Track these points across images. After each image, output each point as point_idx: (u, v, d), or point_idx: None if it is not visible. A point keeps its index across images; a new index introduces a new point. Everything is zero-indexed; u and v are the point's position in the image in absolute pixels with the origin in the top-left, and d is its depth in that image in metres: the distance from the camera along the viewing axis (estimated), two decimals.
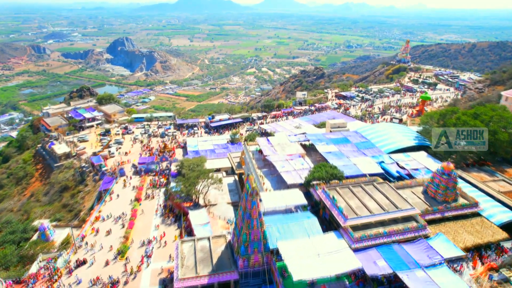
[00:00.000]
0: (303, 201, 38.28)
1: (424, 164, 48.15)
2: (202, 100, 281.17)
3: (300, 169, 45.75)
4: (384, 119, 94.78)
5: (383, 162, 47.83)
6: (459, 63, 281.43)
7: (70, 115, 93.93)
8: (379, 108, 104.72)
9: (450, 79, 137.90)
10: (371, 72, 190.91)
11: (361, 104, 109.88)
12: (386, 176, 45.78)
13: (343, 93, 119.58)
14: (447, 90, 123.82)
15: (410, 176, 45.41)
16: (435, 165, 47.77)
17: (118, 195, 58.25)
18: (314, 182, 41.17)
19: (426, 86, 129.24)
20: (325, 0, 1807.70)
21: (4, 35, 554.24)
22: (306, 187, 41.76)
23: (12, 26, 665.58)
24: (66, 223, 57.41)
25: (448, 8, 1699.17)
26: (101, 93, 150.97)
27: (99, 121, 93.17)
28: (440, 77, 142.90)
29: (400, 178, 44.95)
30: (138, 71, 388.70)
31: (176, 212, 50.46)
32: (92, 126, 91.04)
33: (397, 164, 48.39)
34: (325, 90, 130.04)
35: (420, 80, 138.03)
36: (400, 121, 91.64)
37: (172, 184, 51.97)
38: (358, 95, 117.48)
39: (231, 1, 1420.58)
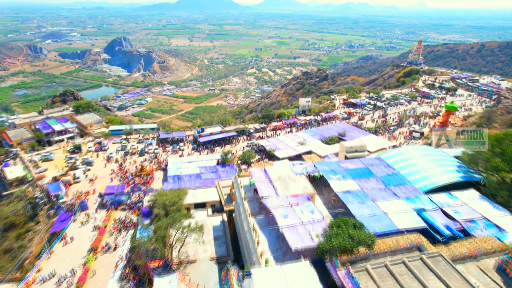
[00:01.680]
0: (318, 287, 25.00)
1: (479, 212, 34.72)
2: (201, 102, 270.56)
3: (310, 221, 32.52)
4: (400, 132, 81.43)
5: (424, 210, 34.48)
6: (467, 64, 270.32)
7: (37, 126, 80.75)
8: (393, 119, 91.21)
9: (470, 83, 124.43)
10: (380, 74, 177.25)
11: (373, 114, 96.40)
12: (429, 231, 32.54)
13: (353, 100, 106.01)
14: (469, 96, 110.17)
15: (465, 233, 32.10)
16: (496, 214, 34.50)
17: (72, 238, 45.33)
18: (331, 247, 27.94)
19: (444, 92, 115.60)
20: (325, 0, 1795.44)
21: (2, 35, 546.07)
22: (320, 257, 28.51)
23: (11, 25, 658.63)
24: (5, 276, 44.53)
25: (449, 7, 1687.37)
26: (100, 95, 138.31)
27: (71, 134, 79.95)
28: (458, 80, 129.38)
29: (452, 237, 31.59)
30: (136, 71, 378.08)
31: (141, 274, 37.37)
32: (62, 140, 77.69)
33: (442, 210, 35.14)
34: (332, 96, 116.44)
35: (437, 84, 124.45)
36: (422, 135, 78.37)
37: (139, 235, 38.84)
38: (369, 103, 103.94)
39: (232, 1, 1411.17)
